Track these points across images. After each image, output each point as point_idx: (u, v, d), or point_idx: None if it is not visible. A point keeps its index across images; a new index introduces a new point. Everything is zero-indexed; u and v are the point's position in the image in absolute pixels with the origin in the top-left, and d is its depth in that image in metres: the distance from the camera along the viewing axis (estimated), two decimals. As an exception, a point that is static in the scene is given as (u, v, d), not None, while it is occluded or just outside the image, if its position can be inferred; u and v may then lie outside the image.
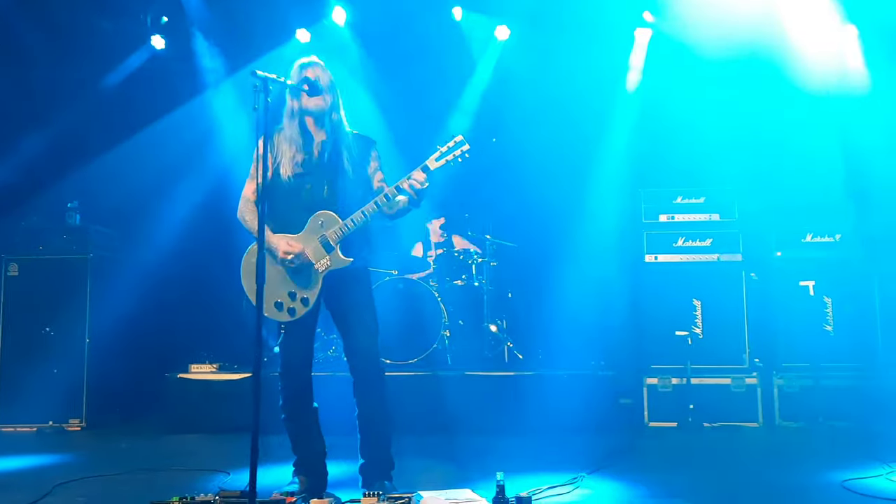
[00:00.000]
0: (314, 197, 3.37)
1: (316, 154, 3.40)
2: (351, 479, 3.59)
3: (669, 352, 5.52)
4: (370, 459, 3.45)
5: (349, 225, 3.32)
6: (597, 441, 4.76)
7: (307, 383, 3.49)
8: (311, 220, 3.35)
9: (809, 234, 5.63)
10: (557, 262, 6.34)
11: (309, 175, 3.38)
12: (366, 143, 3.54)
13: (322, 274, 3.35)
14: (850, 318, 5.47)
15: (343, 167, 3.39)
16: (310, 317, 3.38)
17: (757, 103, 6.05)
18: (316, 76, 3.37)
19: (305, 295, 3.34)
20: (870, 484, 3.57)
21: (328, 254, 3.33)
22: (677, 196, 5.80)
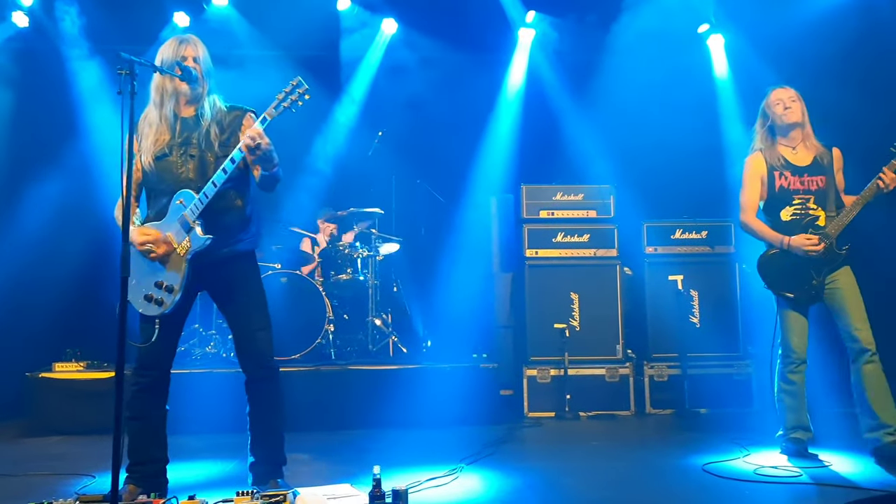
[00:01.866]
0: (179, 178, 3.19)
1: (179, 133, 3.22)
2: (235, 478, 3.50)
3: (548, 344, 5.68)
4: (261, 458, 3.33)
5: (203, 199, 3.11)
6: (478, 432, 4.84)
7: (164, 381, 3.28)
8: (171, 203, 3.17)
9: (679, 230, 5.94)
10: (442, 256, 6.41)
11: (173, 157, 3.20)
12: (238, 112, 3.33)
13: (185, 258, 3.14)
14: (714, 310, 5.81)
15: (211, 144, 3.22)
16: (178, 308, 3.18)
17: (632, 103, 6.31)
18: (191, 55, 3.21)
19: (170, 283, 3.14)
20: (728, 467, 3.81)
21: (187, 234, 3.14)
22: (557, 193, 5.98)
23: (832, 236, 3.88)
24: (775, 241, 3.98)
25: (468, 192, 6.52)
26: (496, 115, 6.70)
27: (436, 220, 6.42)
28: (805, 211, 3.98)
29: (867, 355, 3.81)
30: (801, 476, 3.58)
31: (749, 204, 4.12)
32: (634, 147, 6.31)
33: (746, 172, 4.16)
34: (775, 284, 4.01)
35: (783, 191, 4.03)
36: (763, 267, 4.05)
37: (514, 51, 6.69)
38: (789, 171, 4.04)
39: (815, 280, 3.91)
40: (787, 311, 4.02)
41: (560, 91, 6.66)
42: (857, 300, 3.90)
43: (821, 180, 4.01)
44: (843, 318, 3.90)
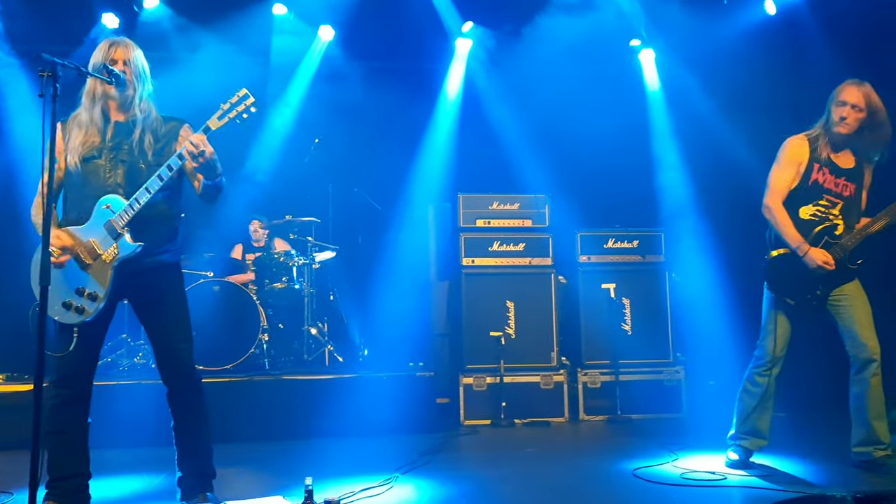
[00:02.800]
0: (107, 183, 3.09)
1: (111, 137, 3.13)
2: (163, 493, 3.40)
3: (484, 352, 5.70)
4: (189, 471, 3.25)
5: (134, 205, 3.02)
6: (414, 441, 4.83)
7: (86, 393, 3.15)
8: (96, 207, 3.06)
9: (612, 239, 6.06)
10: (380, 264, 6.38)
11: (102, 160, 3.10)
12: (175, 123, 3.26)
13: (111, 265, 3.04)
14: (645, 317, 5.94)
15: (144, 153, 3.13)
16: (100, 317, 3.07)
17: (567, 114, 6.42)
18: (122, 58, 3.12)
19: (93, 291, 3.03)
20: (657, 472, 3.90)
21: (115, 240, 3.04)
22: (494, 202, 6.03)
23: (848, 248, 3.74)
24: (794, 242, 3.75)
25: (406, 201, 6.53)
26: (434, 124, 6.73)
27: (373, 229, 6.41)
28: (826, 214, 3.81)
29: (873, 366, 3.70)
30: (725, 480, 3.69)
31: (779, 187, 3.83)
32: (569, 157, 6.43)
33: (785, 153, 3.87)
34: (778, 288, 3.84)
35: (816, 186, 3.81)
36: (770, 267, 3.85)
37: (452, 60, 6.74)
38: (828, 169, 3.81)
39: (820, 292, 3.78)
40: (777, 314, 3.86)
41: (497, 101, 6.74)
42: (867, 311, 3.78)
43: (854, 188, 3.84)
44: (850, 328, 3.76)
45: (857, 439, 3.81)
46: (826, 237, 3.77)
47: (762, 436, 3.95)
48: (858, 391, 3.76)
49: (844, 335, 3.80)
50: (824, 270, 3.70)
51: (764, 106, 6.05)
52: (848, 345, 3.79)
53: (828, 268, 3.70)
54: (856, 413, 3.80)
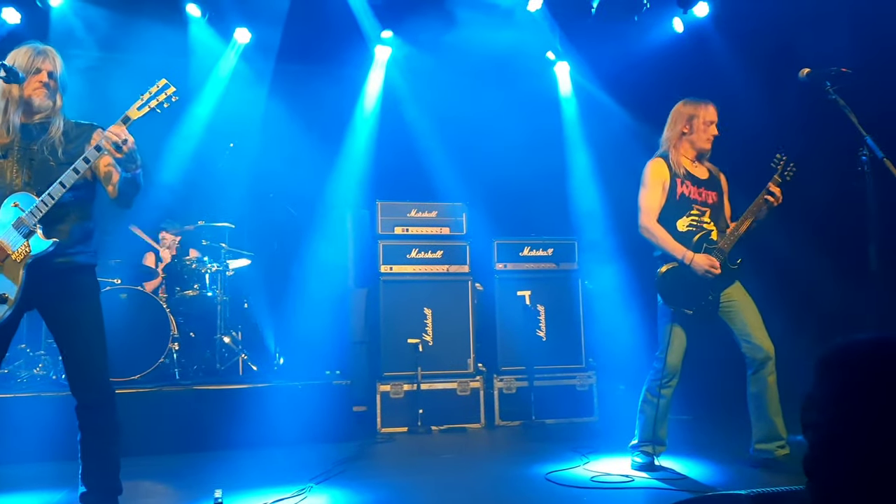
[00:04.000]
0: (14, 182, 2.96)
1: (21, 138, 3.01)
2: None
3: (402, 359, 5.71)
4: (94, 487, 3.10)
5: (47, 201, 2.91)
6: (330, 450, 4.79)
7: None
8: (3, 206, 2.94)
9: (527, 248, 6.17)
10: (296, 271, 6.29)
11: (10, 160, 2.98)
12: (88, 127, 3.16)
13: (23, 264, 2.91)
14: (559, 324, 6.08)
15: (55, 151, 3.03)
16: (8, 322, 2.91)
17: (484, 124, 6.52)
18: (48, 69, 3.03)
19: (3, 293, 2.89)
20: (569, 475, 4.00)
21: (26, 238, 2.91)
22: (412, 210, 6.05)
23: (726, 251, 3.92)
24: (678, 253, 3.93)
25: (323, 207, 6.46)
26: (352, 130, 6.71)
27: (289, 235, 6.31)
28: (700, 223, 4.02)
29: (770, 364, 3.87)
30: (633, 482, 3.81)
31: (651, 207, 4.04)
32: (486, 166, 6.51)
33: (649, 176, 4.08)
34: (674, 300, 3.95)
35: (684, 199, 4.03)
36: (662, 282, 3.97)
37: (371, 67, 6.73)
38: (690, 181, 4.05)
39: (711, 296, 3.93)
40: (674, 328, 3.98)
41: (416, 108, 6.78)
42: (755, 311, 3.97)
43: (715, 196, 4.09)
44: (743, 330, 3.93)
45: (758, 437, 3.97)
46: (705, 244, 3.98)
47: (662, 443, 4.11)
48: (757, 390, 3.93)
49: (739, 339, 3.98)
50: (711, 274, 3.90)
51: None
52: (744, 347, 3.96)
53: (714, 271, 3.89)
54: (756, 412, 3.96)
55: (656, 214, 4.05)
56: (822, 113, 3.61)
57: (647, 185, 4.09)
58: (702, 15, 6.14)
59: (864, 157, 3.23)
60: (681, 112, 4.14)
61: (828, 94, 3.42)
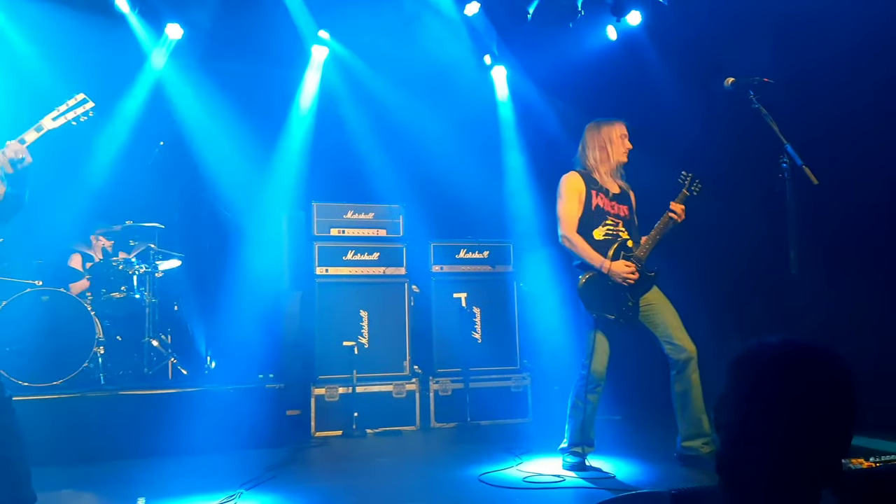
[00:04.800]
0: None
1: None
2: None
3: (337, 362, 5.66)
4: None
5: None
6: (262, 455, 4.69)
7: None
8: None
9: (463, 250, 6.20)
10: (229, 273, 6.16)
11: None
12: None
13: None
14: (494, 326, 6.12)
15: None
16: None
17: (422, 126, 6.52)
18: None
19: None
20: (502, 476, 4.02)
21: None
22: (348, 211, 6.01)
23: (642, 259, 4.05)
24: (595, 261, 4.02)
25: (258, 208, 6.35)
26: (288, 130, 6.61)
27: (222, 236, 6.17)
28: (616, 232, 4.13)
29: (692, 363, 3.96)
30: (565, 482, 3.86)
31: (569, 217, 4.14)
32: (424, 168, 6.52)
33: (566, 188, 4.20)
34: (595, 307, 4.04)
35: (599, 210, 4.15)
36: (583, 291, 4.05)
37: (307, 67, 6.65)
38: (604, 194, 4.18)
39: (631, 302, 4.03)
40: (597, 334, 4.08)
41: (353, 110, 6.73)
42: (674, 313, 4.08)
43: (626, 210, 4.24)
44: (664, 332, 4.04)
45: (684, 435, 4.07)
46: (622, 252, 4.09)
47: (591, 443, 4.20)
48: (681, 390, 4.03)
49: (661, 341, 4.08)
50: (629, 281, 4.01)
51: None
52: (666, 348, 4.06)
53: (631, 277, 4.01)
54: (682, 410, 4.06)
55: (575, 225, 4.15)
56: (747, 120, 3.73)
57: (563, 197, 4.21)
58: (634, 23, 6.27)
59: (785, 164, 3.35)
60: (594, 132, 4.29)
61: (751, 102, 3.55)
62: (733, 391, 1.37)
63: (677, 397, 4.06)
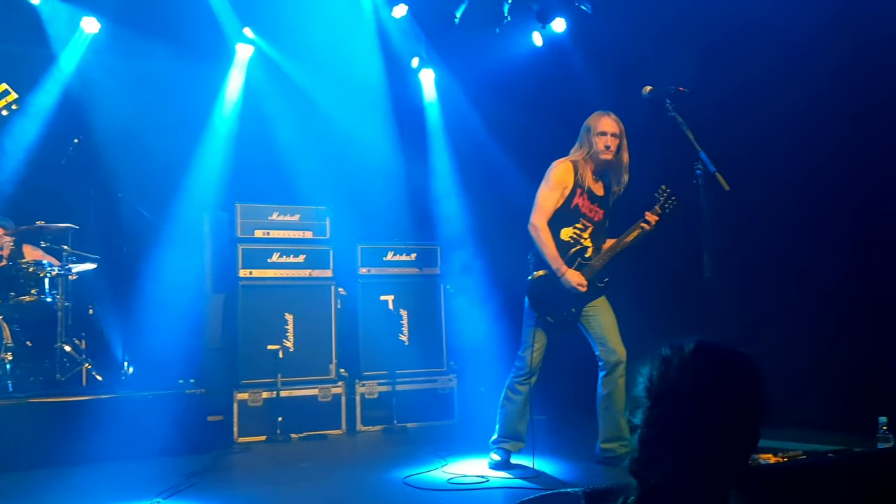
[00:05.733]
0: None
1: None
2: None
3: (261, 366, 5.56)
4: None
5: None
6: (182, 462, 4.56)
7: None
8: None
9: (391, 252, 6.19)
10: (148, 275, 5.95)
11: None
12: None
13: None
14: (421, 328, 6.13)
15: None
16: None
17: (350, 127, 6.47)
18: None
19: None
20: (426, 478, 4.02)
21: None
22: (273, 213, 5.92)
23: (597, 269, 4.08)
24: (554, 263, 4.03)
25: (179, 209, 6.16)
26: (211, 129, 6.44)
27: (141, 237, 5.94)
28: (580, 237, 4.13)
29: (621, 367, 4.03)
30: (488, 482, 3.90)
31: (546, 207, 4.09)
32: (351, 170, 6.46)
33: (553, 177, 4.11)
34: (539, 307, 4.10)
35: (576, 209, 4.12)
36: (532, 287, 4.11)
37: (231, 65, 6.51)
38: (587, 195, 4.15)
39: (574, 308, 4.09)
40: (535, 329, 4.12)
41: (279, 109, 6.62)
42: (613, 319, 4.14)
43: (602, 214, 4.22)
44: (600, 336, 4.09)
45: (604, 437, 4.17)
46: (579, 259, 4.14)
47: (521, 439, 4.25)
48: (607, 392, 4.12)
49: (595, 343, 4.16)
50: (578, 291, 4.05)
51: (532, 128, 6.48)
52: (599, 351, 4.14)
53: (581, 289, 4.05)
54: (604, 412, 4.15)
55: (549, 215, 4.10)
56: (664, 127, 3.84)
57: (549, 184, 4.14)
58: (559, 30, 6.38)
59: (699, 170, 3.47)
60: (584, 126, 4.19)
61: (667, 110, 3.66)
62: (646, 393, 1.38)
63: (602, 399, 4.15)
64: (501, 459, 4.18)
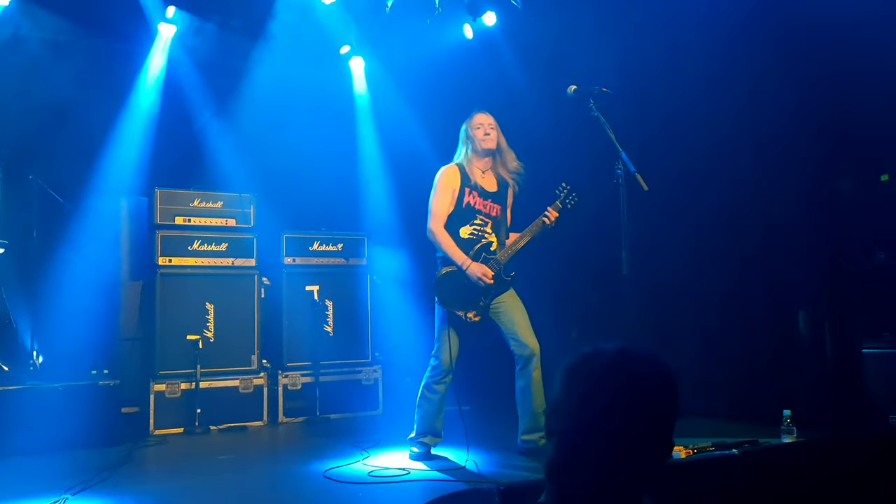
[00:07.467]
0: None
1: None
2: None
3: (180, 357, 5.43)
4: None
5: None
6: (94, 456, 4.43)
7: None
8: None
9: (317, 242, 6.12)
10: (59, 262, 5.70)
11: None
12: None
13: None
14: (347, 319, 6.10)
15: None
16: None
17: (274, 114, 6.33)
18: None
19: None
20: (347, 471, 4.00)
21: None
22: (195, 199, 5.77)
23: (501, 263, 4.16)
24: (458, 258, 4.12)
25: (94, 193, 5.91)
26: (130, 111, 6.19)
27: (52, 222, 5.66)
28: (482, 233, 4.21)
29: (535, 360, 4.09)
30: (409, 474, 3.91)
31: (439, 212, 4.20)
32: (276, 158, 6.34)
33: (441, 182, 4.25)
34: (447, 301, 4.15)
35: (469, 208, 4.22)
36: (439, 284, 4.16)
37: (153, 45, 6.27)
38: (477, 192, 4.24)
39: (483, 302, 4.14)
40: (448, 328, 4.18)
41: (202, 94, 6.43)
42: (523, 313, 4.20)
43: (499, 209, 4.29)
44: (511, 330, 4.16)
45: (523, 428, 4.24)
46: (484, 253, 4.22)
47: (439, 434, 4.33)
48: (524, 384, 4.18)
49: (508, 337, 4.23)
50: (484, 282, 4.12)
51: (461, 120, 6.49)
52: (512, 345, 4.21)
53: (486, 280, 4.12)
54: (522, 405, 4.22)
55: (444, 220, 4.23)
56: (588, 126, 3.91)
57: (437, 191, 4.27)
58: (490, 24, 6.40)
59: (620, 170, 3.56)
60: (462, 129, 4.37)
61: (591, 110, 3.73)
62: (565, 398, 1.38)
63: (519, 392, 4.22)
64: (421, 451, 4.24)
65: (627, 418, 1.32)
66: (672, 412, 1.36)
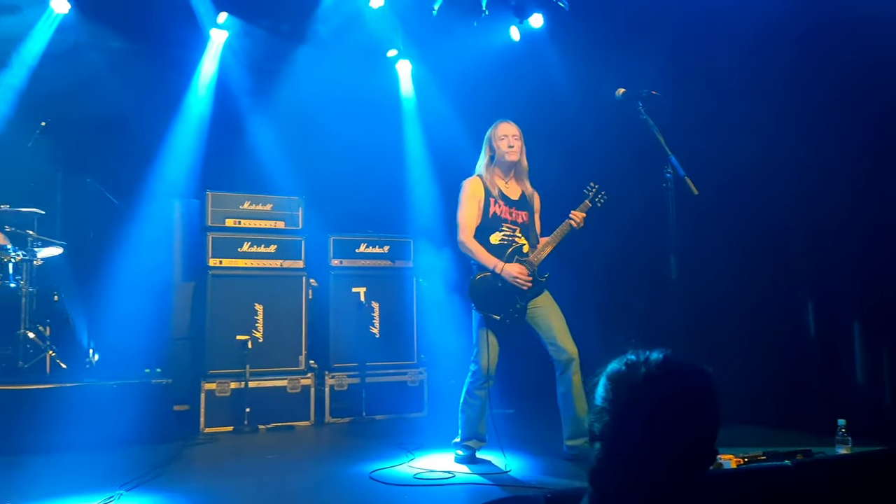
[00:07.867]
0: None
1: None
2: None
3: (230, 356, 5.53)
4: None
5: None
6: (147, 452, 4.54)
7: None
8: None
9: (363, 244, 6.18)
10: (115, 262, 5.85)
11: None
12: None
13: None
14: (392, 321, 6.13)
15: None
16: None
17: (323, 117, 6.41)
18: None
19: None
20: (393, 473, 4.02)
21: None
22: (245, 202, 5.87)
23: (535, 265, 4.18)
24: (490, 263, 4.14)
25: (148, 195, 6.07)
26: (183, 116, 6.33)
27: (108, 224, 5.83)
28: (512, 238, 4.24)
29: (574, 365, 4.09)
30: (454, 478, 3.91)
31: (468, 224, 4.26)
32: (325, 161, 6.42)
33: (465, 194, 4.31)
34: (483, 306, 4.15)
35: (496, 217, 4.25)
36: (473, 289, 4.17)
37: (205, 51, 6.40)
38: (503, 201, 4.28)
39: (519, 304, 4.14)
40: (485, 332, 4.17)
41: (252, 98, 6.55)
42: (560, 317, 4.20)
43: (525, 215, 4.33)
44: (549, 335, 4.15)
45: (567, 434, 4.22)
46: (517, 256, 4.23)
47: (483, 438, 4.32)
48: (564, 390, 4.17)
49: (545, 343, 4.22)
50: (521, 281, 4.13)
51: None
52: (550, 350, 4.20)
53: (523, 278, 4.13)
54: (564, 410, 4.21)
55: (472, 230, 4.27)
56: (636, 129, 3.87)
57: (463, 203, 4.33)
58: (537, 26, 6.38)
59: (669, 174, 3.50)
60: (485, 138, 4.40)
61: (639, 113, 3.68)
62: (608, 404, 1.38)
63: (561, 398, 4.20)
64: (466, 455, 4.24)
65: (669, 427, 1.31)
66: (714, 423, 1.35)
